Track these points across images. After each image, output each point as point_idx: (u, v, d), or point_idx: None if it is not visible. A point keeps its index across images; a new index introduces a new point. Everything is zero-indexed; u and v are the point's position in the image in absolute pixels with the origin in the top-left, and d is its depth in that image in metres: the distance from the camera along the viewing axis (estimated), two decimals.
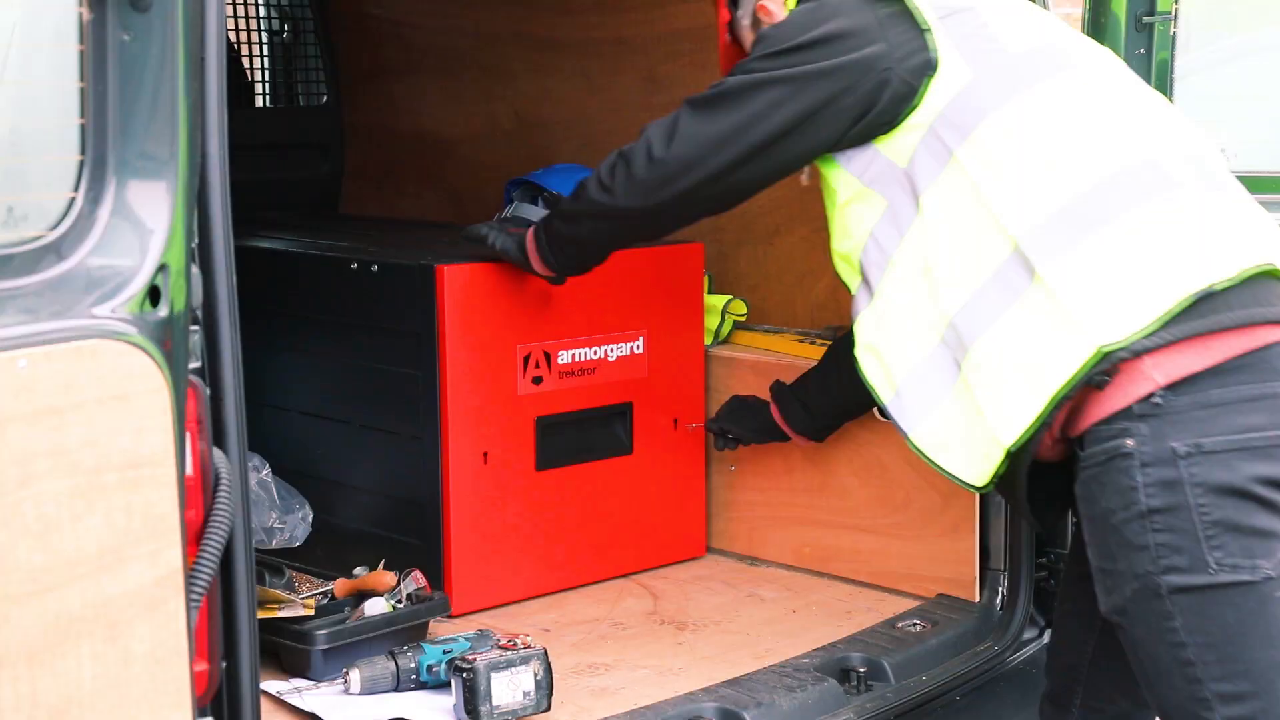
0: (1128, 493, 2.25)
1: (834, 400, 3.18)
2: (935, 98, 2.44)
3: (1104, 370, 2.23)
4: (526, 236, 2.99)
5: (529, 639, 2.76)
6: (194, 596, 1.76)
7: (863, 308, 2.55)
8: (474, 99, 4.47)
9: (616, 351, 3.43)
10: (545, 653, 2.73)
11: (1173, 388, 2.22)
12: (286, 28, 4.78)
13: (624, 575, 3.52)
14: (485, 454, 3.23)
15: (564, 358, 3.34)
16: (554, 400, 3.33)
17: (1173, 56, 3.11)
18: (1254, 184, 3.04)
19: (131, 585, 1.67)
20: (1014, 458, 2.34)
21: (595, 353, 3.39)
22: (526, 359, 3.28)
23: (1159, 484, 2.23)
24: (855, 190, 2.53)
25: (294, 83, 4.84)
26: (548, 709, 2.73)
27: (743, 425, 3.43)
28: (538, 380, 3.30)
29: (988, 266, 2.35)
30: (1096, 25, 3.12)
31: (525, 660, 2.70)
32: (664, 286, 3.49)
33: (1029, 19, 2.58)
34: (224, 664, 1.91)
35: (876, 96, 2.46)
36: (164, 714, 1.71)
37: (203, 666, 1.84)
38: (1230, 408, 2.22)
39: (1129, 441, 2.24)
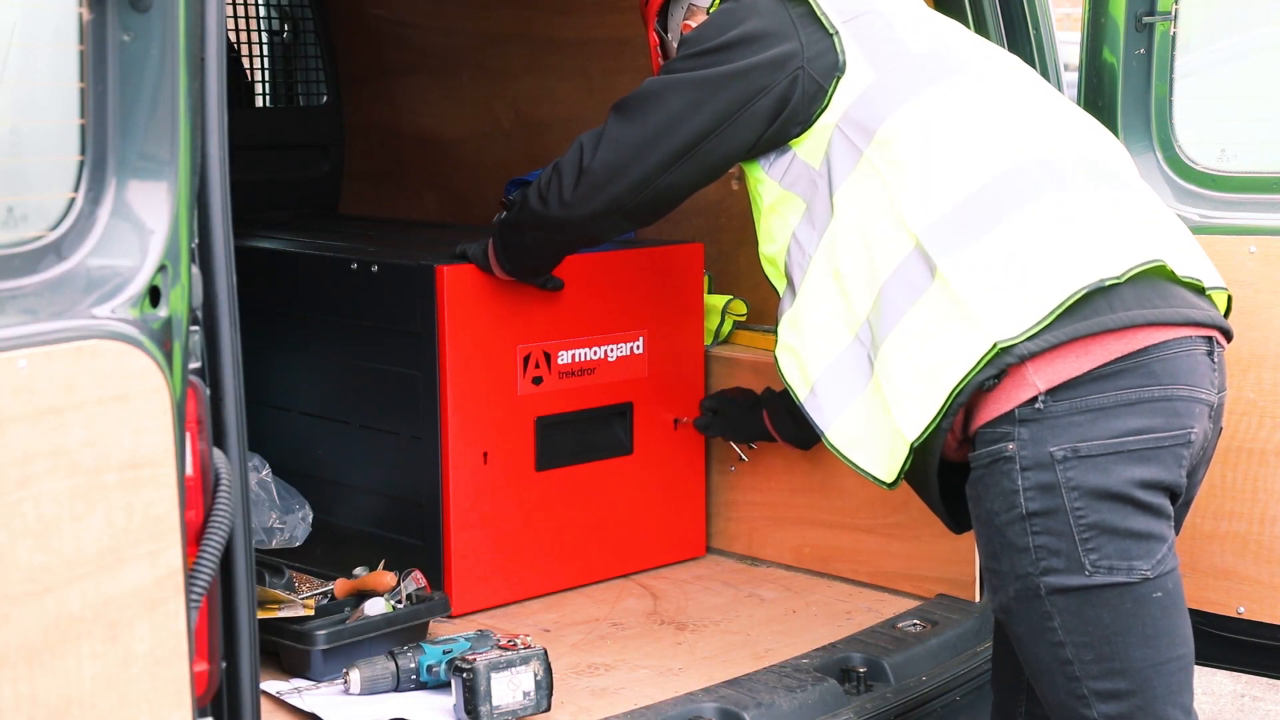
0: (1009, 495, 2.30)
1: None
2: (842, 98, 2.49)
3: (993, 374, 2.27)
4: (487, 243, 3.04)
5: (529, 639, 2.76)
6: (194, 596, 1.76)
7: (785, 310, 2.58)
8: (474, 99, 4.47)
9: (616, 351, 3.43)
10: (545, 653, 2.73)
11: (1053, 392, 2.26)
12: (286, 28, 4.78)
13: (624, 575, 3.52)
14: (485, 454, 3.23)
15: (564, 358, 3.34)
16: (554, 400, 3.33)
17: (1173, 56, 3.11)
18: (1254, 184, 3.05)
19: (131, 585, 1.67)
20: (919, 454, 2.37)
21: (595, 353, 3.39)
22: (526, 359, 3.28)
23: (1037, 488, 2.27)
24: (777, 194, 2.57)
25: (294, 83, 4.84)
26: (548, 709, 2.73)
27: (737, 431, 3.49)
28: (538, 380, 3.30)
29: (890, 263, 2.38)
30: (1096, 25, 3.12)
31: (525, 660, 2.70)
32: (664, 286, 3.49)
33: (930, 21, 2.64)
34: (224, 664, 1.91)
35: (790, 95, 2.50)
36: (164, 714, 1.71)
37: (203, 666, 1.84)
38: (1107, 412, 2.25)
39: (1010, 445, 2.28)
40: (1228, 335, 2.42)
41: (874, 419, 2.41)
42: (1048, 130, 2.49)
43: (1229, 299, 2.52)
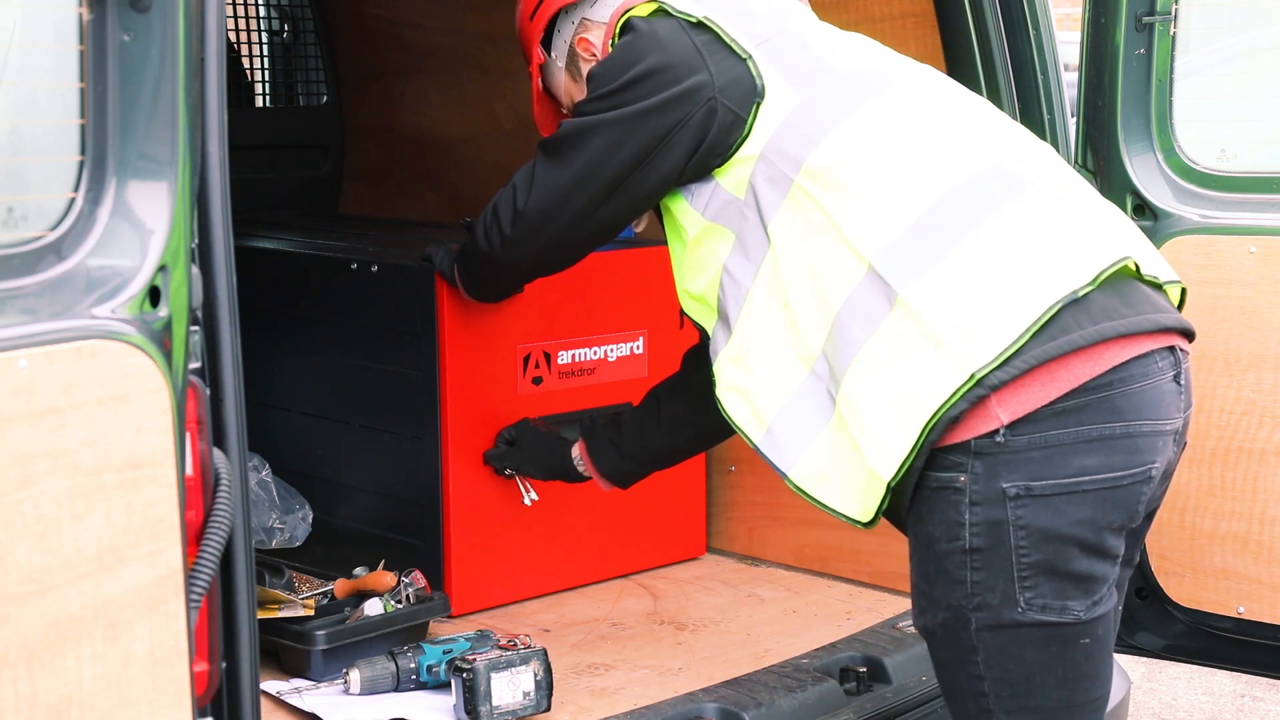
0: (953, 526, 2.23)
1: (649, 444, 2.95)
2: (764, 125, 2.40)
3: (966, 407, 2.17)
4: (453, 262, 3.01)
5: (529, 639, 2.76)
6: (194, 596, 1.76)
7: (721, 347, 2.48)
8: (474, 99, 4.47)
9: (616, 351, 3.43)
10: (545, 653, 2.74)
11: (1013, 426, 2.18)
12: (286, 28, 4.78)
13: (624, 575, 3.52)
14: (485, 454, 3.23)
15: (564, 358, 3.34)
16: (554, 400, 3.33)
17: (1173, 56, 3.11)
18: (1254, 184, 3.05)
19: (131, 585, 1.67)
20: (897, 492, 2.26)
21: (595, 353, 3.39)
22: (526, 359, 3.28)
23: (984, 524, 2.21)
24: (702, 226, 2.48)
25: (294, 83, 4.84)
26: (548, 709, 2.73)
27: (535, 463, 3.16)
28: (538, 380, 3.30)
29: (842, 292, 2.28)
30: (1097, 25, 3.12)
31: (525, 660, 2.70)
32: (664, 286, 3.46)
33: (845, 39, 2.56)
34: (224, 664, 1.91)
35: (707, 126, 2.42)
36: (164, 714, 1.71)
37: (203, 666, 1.84)
38: (1066, 449, 2.18)
39: (961, 477, 2.20)
40: (1190, 337, 2.35)
41: (842, 457, 2.30)
42: (989, 136, 2.42)
43: (1183, 292, 2.44)
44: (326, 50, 4.77)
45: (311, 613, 2.90)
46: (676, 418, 2.89)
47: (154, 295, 1.74)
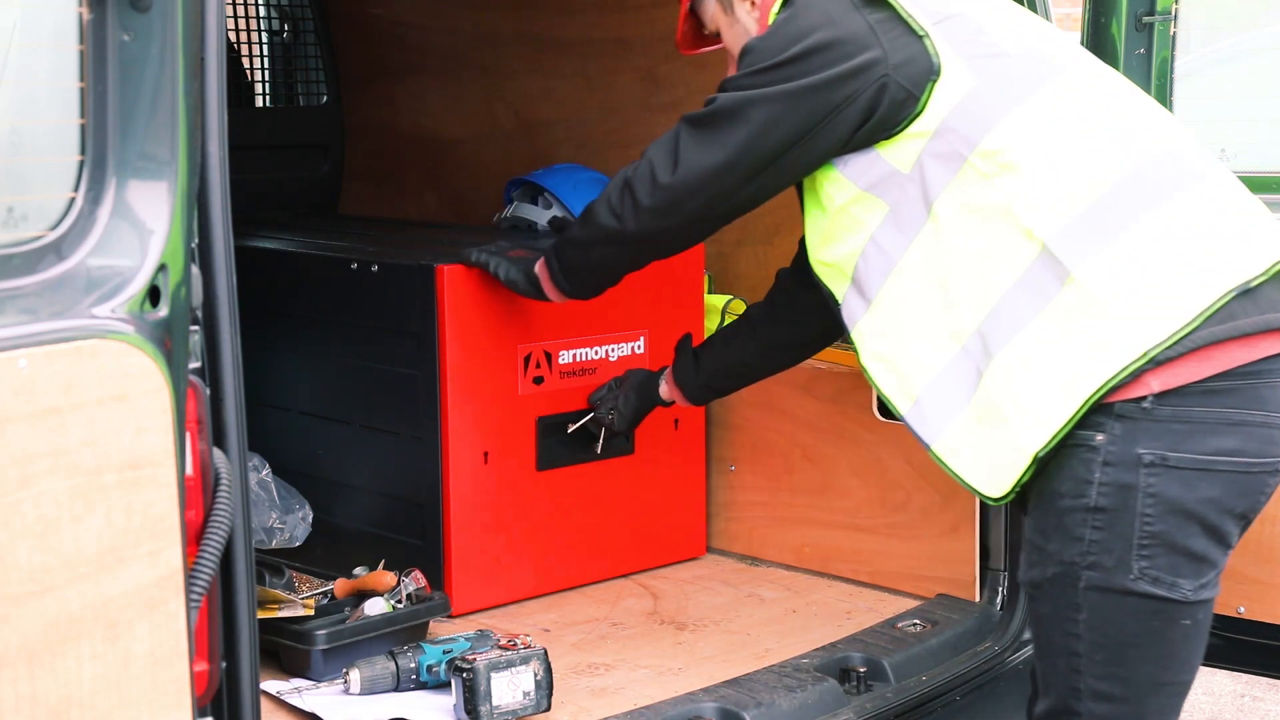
0: (1081, 484, 2.26)
1: (726, 362, 3.01)
2: (939, 104, 2.40)
3: (1130, 379, 2.21)
4: (537, 265, 2.95)
5: (529, 639, 2.76)
6: (194, 596, 1.76)
7: (859, 315, 2.50)
8: (474, 99, 4.47)
9: (617, 351, 3.43)
10: (545, 653, 2.74)
11: (1161, 395, 2.22)
12: (286, 28, 4.78)
13: (624, 575, 3.52)
14: (485, 454, 3.23)
15: (564, 358, 3.34)
16: (554, 400, 3.33)
17: (1173, 56, 3.11)
18: (1254, 184, 3.05)
19: (131, 585, 1.67)
20: (1041, 464, 2.30)
21: (595, 353, 3.39)
22: (527, 359, 3.28)
23: (1114, 485, 2.24)
24: (852, 195, 2.48)
25: (294, 83, 4.84)
26: (548, 709, 2.73)
27: (629, 402, 3.23)
28: (538, 380, 3.30)
29: (1013, 271, 2.31)
30: (1097, 25, 3.12)
31: (525, 660, 2.70)
32: (664, 286, 3.49)
33: (1020, 21, 2.57)
34: (224, 664, 1.91)
35: (876, 103, 2.41)
36: (164, 714, 1.71)
37: (203, 666, 1.84)
38: (1207, 427, 2.22)
39: (1099, 436, 2.24)
40: None
41: (984, 431, 2.34)
42: (1158, 128, 2.44)
43: None
44: (326, 50, 4.77)
45: (311, 613, 2.90)
46: (763, 321, 2.96)
47: (154, 295, 1.74)
